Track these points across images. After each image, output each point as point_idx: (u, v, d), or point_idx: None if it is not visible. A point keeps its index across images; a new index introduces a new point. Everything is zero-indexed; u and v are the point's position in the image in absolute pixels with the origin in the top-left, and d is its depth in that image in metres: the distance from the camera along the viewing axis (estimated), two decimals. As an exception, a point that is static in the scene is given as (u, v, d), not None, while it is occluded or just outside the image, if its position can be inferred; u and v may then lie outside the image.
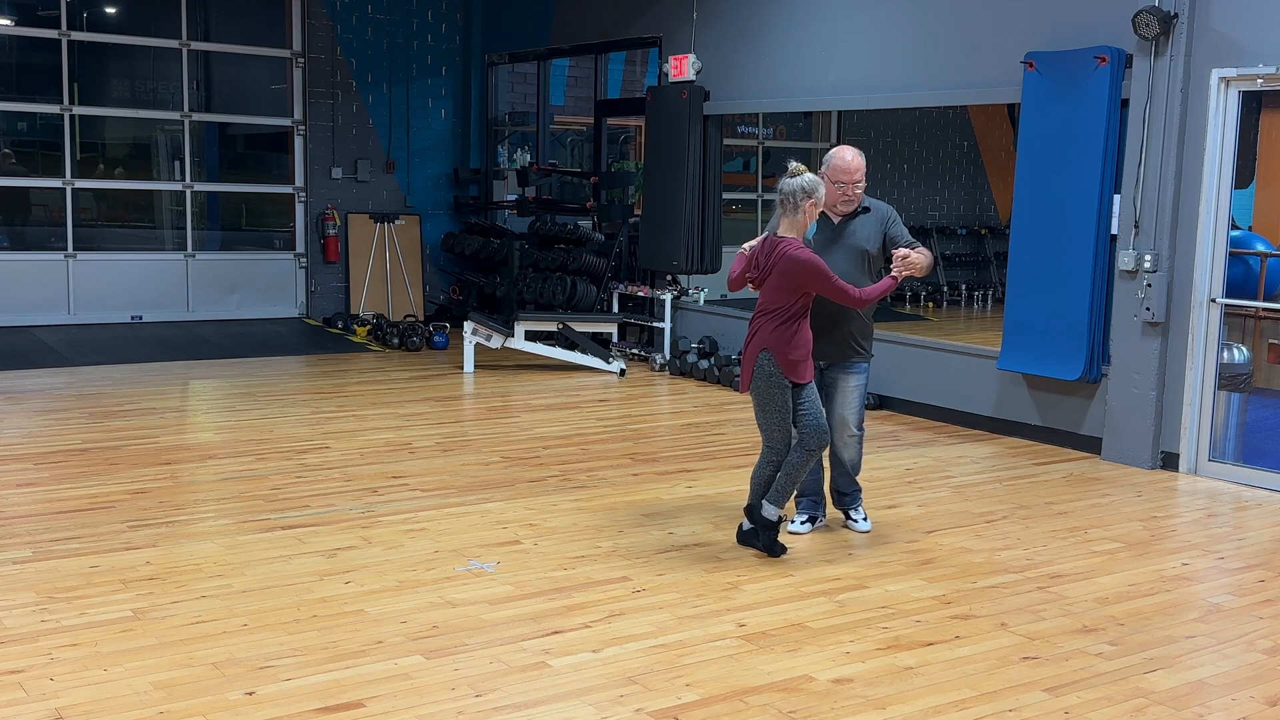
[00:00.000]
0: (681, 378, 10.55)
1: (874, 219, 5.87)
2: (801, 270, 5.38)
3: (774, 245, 5.47)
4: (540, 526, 6.00)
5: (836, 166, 5.74)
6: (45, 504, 6.20)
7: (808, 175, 5.40)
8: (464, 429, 8.36)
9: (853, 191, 5.74)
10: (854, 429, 6.00)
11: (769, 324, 5.47)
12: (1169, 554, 5.89)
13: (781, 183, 5.42)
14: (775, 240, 5.49)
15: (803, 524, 6.05)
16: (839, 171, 5.73)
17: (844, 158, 5.75)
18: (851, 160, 5.74)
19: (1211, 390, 7.44)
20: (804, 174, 5.40)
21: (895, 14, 9.24)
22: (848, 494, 6.16)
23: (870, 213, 5.87)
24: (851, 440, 6.01)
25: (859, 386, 5.95)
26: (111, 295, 12.33)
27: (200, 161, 13.24)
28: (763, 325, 5.49)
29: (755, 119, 13.35)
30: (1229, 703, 4.18)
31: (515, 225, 13.56)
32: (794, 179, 5.39)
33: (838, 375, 5.92)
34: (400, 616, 4.72)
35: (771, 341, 5.45)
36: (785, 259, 5.40)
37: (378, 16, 13.40)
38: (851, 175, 5.72)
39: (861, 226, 5.83)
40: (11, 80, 12.54)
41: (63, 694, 3.96)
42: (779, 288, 5.44)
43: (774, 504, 5.60)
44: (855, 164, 5.73)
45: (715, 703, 4.03)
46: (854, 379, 5.93)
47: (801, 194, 5.38)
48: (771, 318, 5.47)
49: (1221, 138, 7.28)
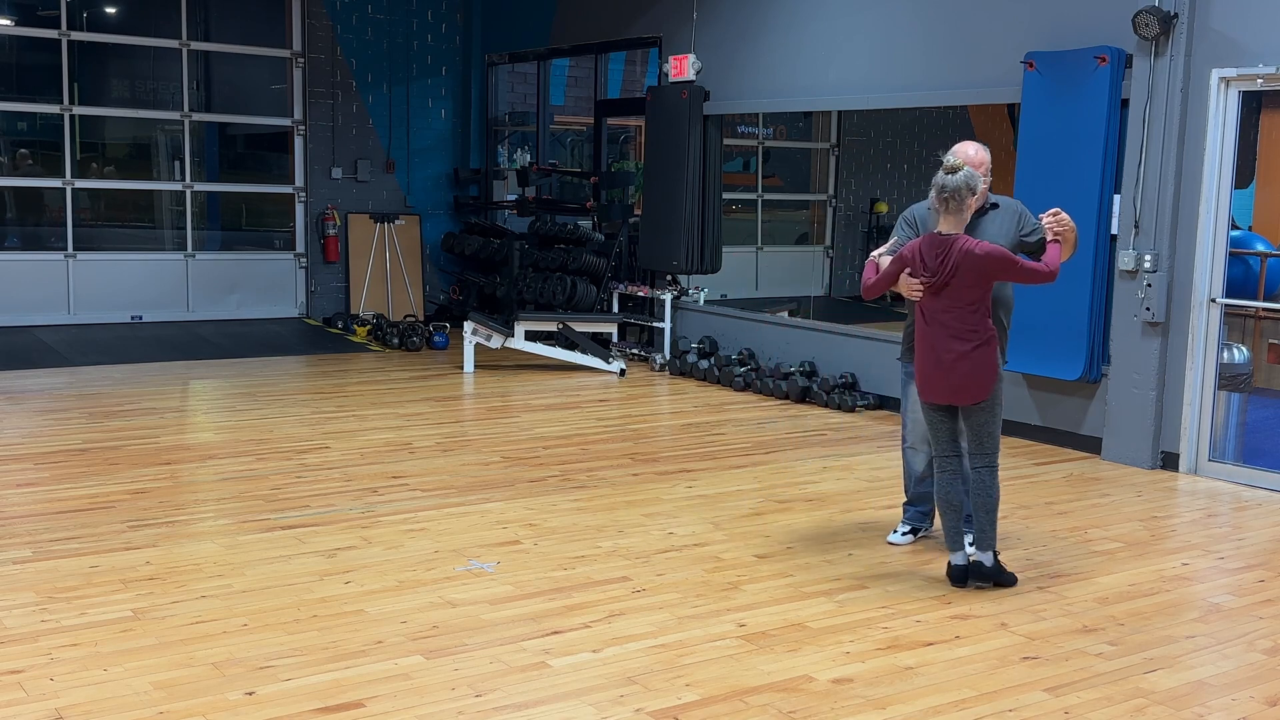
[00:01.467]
0: (681, 378, 10.55)
1: (1005, 215, 5.50)
2: (995, 261, 5.07)
3: (946, 244, 5.10)
4: (540, 526, 6.00)
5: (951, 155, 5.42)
6: (45, 504, 6.20)
7: (967, 169, 5.11)
8: (464, 429, 8.35)
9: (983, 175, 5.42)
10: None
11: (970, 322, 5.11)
12: (1169, 554, 5.89)
13: (942, 179, 5.08)
14: (944, 239, 5.12)
15: (904, 535, 5.83)
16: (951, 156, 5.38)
17: (967, 152, 5.50)
18: (975, 154, 5.51)
19: (1211, 390, 7.44)
20: (963, 168, 5.09)
21: (895, 14, 9.24)
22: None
23: (999, 209, 5.52)
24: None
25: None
26: (111, 295, 12.33)
27: (200, 161, 13.24)
28: (962, 328, 5.11)
29: (755, 119, 13.34)
30: (1229, 703, 4.18)
31: (515, 225, 13.55)
32: (956, 175, 5.06)
33: None
34: (400, 616, 4.72)
35: (989, 339, 5.14)
36: (973, 256, 5.04)
37: (378, 16, 13.40)
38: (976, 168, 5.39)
39: (991, 223, 5.45)
40: (11, 80, 12.54)
41: (63, 694, 3.96)
42: (970, 285, 5.08)
43: (990, 548, 5.25)
44: (979, 158, 5.51)
45: (715, 703, 4.03)
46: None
47: (965, 190, 5.06)
48: (968, 315, 5.10)
49: (1221, 138, 7.28)
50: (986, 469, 5.23)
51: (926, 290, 5.15)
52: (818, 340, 9.98)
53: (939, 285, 5.12)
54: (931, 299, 5.17)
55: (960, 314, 5.12)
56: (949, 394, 5.19)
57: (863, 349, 9.53)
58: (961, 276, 5.07)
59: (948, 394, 5.19)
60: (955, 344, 5.12)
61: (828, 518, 6.30)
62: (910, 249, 5.23)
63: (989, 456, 5.23)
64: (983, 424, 5.21)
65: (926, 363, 5.23)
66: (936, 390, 5.22)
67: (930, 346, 5.20)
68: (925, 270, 5.13)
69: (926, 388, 5.27)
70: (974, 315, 5.12)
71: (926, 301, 5.19)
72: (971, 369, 5.12)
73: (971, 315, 5.12)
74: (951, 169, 5.08)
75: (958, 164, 5.09)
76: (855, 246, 14.28)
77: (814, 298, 13.16)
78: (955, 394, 5.18)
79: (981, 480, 5.24)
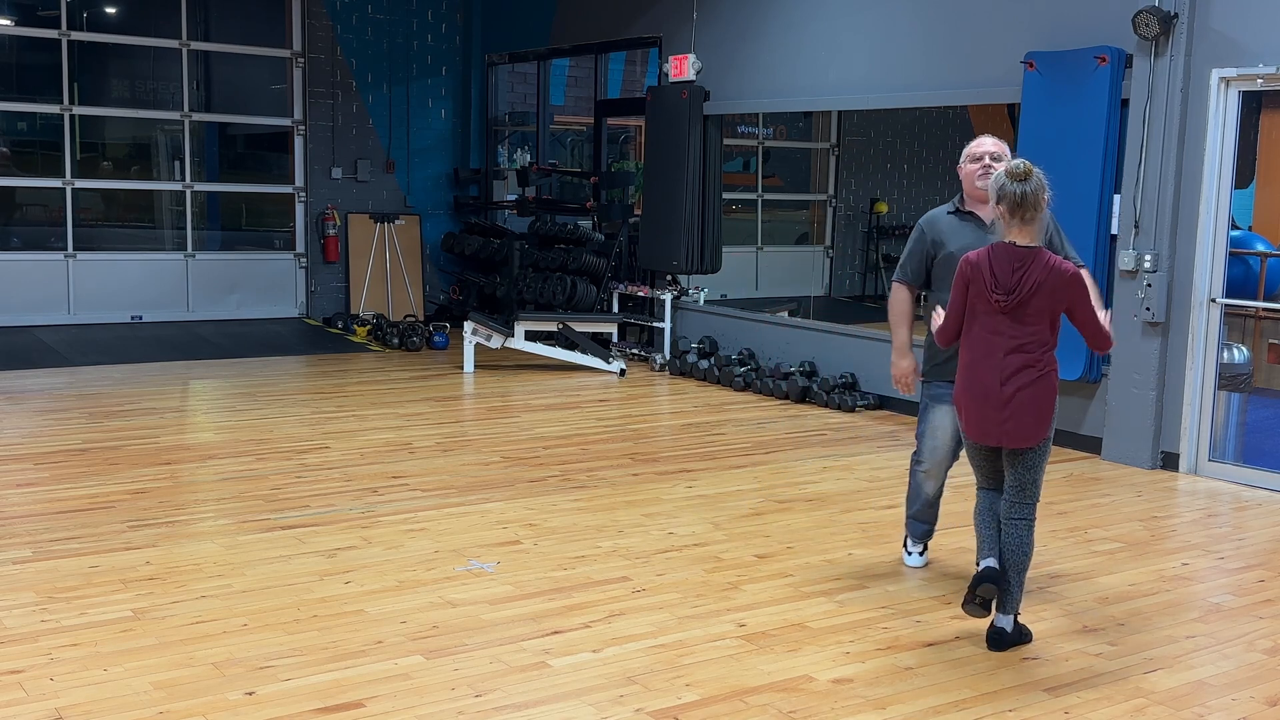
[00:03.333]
0: (681, 378, 10.55)
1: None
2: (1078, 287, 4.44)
3: (1025, 258, 4.42)
4: (540, 526, 6.00)
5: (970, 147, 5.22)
6: (45, 504, 6.19)
7: (1037, 171, 4.44)
8: (464, 429, 8.35)
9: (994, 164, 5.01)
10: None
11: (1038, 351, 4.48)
12: (1169, 554, 5.89)
13: (1013, 188, 4.39)
14: (1021, 251, 4.43)
15: (921, 555, 5.59)
16: (971, 147, 5.20)
17: (980, 140, 5.20)
18: (988, 141, 5.18)
19: (1211, 390, 7.44)
20: (1033, 172, 4.42)
21: (895, 14, 9.24)
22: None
23: None
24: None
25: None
26: (111, 295, 12.33)
27: (200, 161, 13.24)
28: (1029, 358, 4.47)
29: (755, 119, 13.35)
30: (1229, 703, 4.18)
31: (515, 225, 13.56)
32: (1027, 181, 4.38)
33: None
34: (400, 616, 4.72)
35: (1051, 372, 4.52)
36: (1060, 274, 4.42)
37: (378, 16, 13.40)
38: (985, 150, 5.13)
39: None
40: (11, 80, 12.55)
41: (63, 694, 3.96)
42: (1049, 308, 4.45)
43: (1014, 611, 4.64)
44: (990, 145, 5.16)
45: (715, 703, 4.03)
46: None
47: (1042, 195, 4.42)
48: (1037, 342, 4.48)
49: (1221, 138, 7.28)
50: (1025, 521, 4.59)
51: (999, 310, 4.46)
52: (818, 340, 9.98)
53: (1013, 304, 4.43)
54: (998, 320, 4.48)
55: (1030, 341, 4.46)
56: (1001, 435, 4.52)
57: (863, 349, 9.53)
58: (1042, 297, 4.42)
59: (1000, 435, 4.52)
60: (1019, 376, 4.47)
61: (828, 518, 6.30)
62: (972, 264, 4.53)
63: (1029, 508, 4.60)
64: (1031, 467, 4.57)
65: (977, 396, 4.55)
66: (989, 430, 4.54)
67: (985, 376, 4.52)
68: (998, 288, 4.44)
69: (977, 427, 4.58)
70: (1042, 343, 4.49)
71: (990, 323, 4.50)
72: (1033, 405, 4.47)
73: (1040, 343, 4.48)
74: (1021, 175, 4.38)
75: (1024, 167, 4.40)
76: (855, 247, 14.29)
77: (814, 298, 13.16)
78: (1009, 436, 4.51)
79: (1019, 535, 4.58)
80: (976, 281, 4.51)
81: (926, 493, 5.46)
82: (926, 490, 5.45)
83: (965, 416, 4.63)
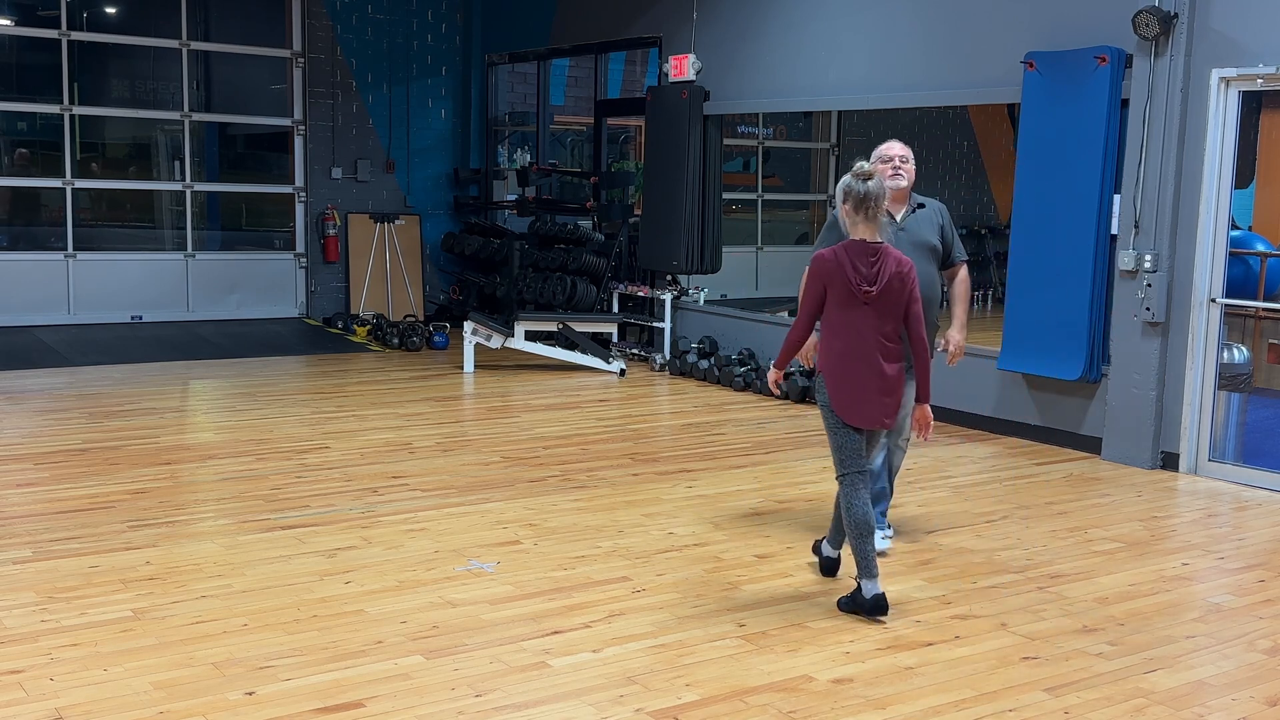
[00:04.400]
0: (681, 378, 10.55)
1: (931, 214, 5.85)
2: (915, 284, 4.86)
3: (875, 251, 4.77)
4: (540, 526, 6.00)
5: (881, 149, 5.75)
6: (45, 504, 6.20)
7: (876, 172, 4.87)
8: (464, 429, 8.36)
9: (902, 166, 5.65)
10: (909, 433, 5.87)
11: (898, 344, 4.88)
12: (1169, 554, 5.89)
13: (855, 186, 4.76)
14: (872, 245, 4.77)
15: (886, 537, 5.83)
16: (882, 150, 5.74)
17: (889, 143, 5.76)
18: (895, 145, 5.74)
19: (1211, 390, 7.44)
20: (876, 174, 4.83)
21: (895, 14, 9.24)
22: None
23: (925, 208, 5.85)
24: (905, 444, 5.94)
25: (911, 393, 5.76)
26: (111, 295, 12.34)
27: (200, 161, 13.24)
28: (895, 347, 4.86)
29: (755, 119, 13.35)
30: (1229, 703, 4.18)
31: (515, 225, 13.56)
32: (870, 181, 4.76)
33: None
34: (400, 616, 4.72)
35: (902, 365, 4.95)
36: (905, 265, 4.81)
37: (378, 16, 13.40)
38: (894, 152, 5.68)
39: (923, 221, 5.79)
40: (11, 80, 12.55)
41: (63, 694, 3.96)
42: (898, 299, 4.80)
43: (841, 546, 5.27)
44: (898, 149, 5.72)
45: (715, 703, 4.03)
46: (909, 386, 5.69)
47: (882, 194, 4.79)
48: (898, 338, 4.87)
49: (1221, 138, 7.28)
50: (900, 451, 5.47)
51: (864, 301, 4.74)
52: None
53: (877, 295, 4.74)
54: (863, 312, 4.77)
55: (892, 330, 4.81)
56: (884, 418, 4.86)
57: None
58: (894, 288, 4.76)
59: (882, 419, 4.85)
60: (892, 364, 4.83)
61: (828, 518, 6.29)
62: (830, 262, 4.79)
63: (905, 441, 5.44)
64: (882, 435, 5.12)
65: (859, 386, 4.80)
66: (875, 416, 4.84)
67: (863, 367, 4.79)
68: (863, 280, 4.73)
69: (863, 411, 4.83)
70: (897, 331, 4.84)
71: (856, 316, 4.77)
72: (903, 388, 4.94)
73: (896, 331, 4.83)
74: (864, 176, 4.78)
75: (867, 169, 4.83)
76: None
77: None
78: (890, 417, 4.88)
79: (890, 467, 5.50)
80: (838, 276, 4.77)
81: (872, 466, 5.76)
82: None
83: (849, 407, 4.83)
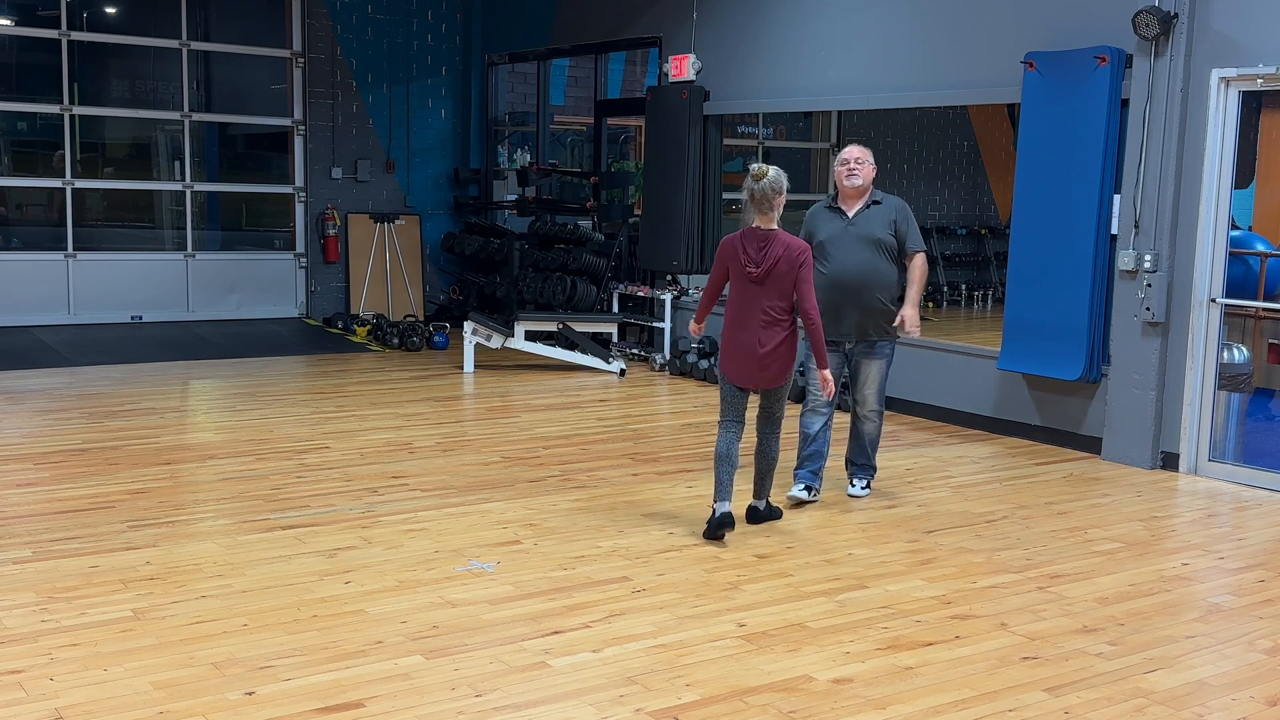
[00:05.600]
0: (681, 378, 10.55)
1: (884, 210, 6.44)
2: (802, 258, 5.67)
3: (766, 238, 5.69)
4: (540, 526, 6.00)
5: (842, 152, 6.51)
6: (45, 504, 6.20)
7: (773, 172, 5.68)
8: (464, 429, 8.36)
9: (857, 167, 6.39)
10: (874, 405, 6.54)
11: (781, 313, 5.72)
12: (1169, 554, 5.89)
13: (750, 184, 5.66)
14: (763, 233, 5.69)
15: (802, 490, 6.47)
16: (842, 153, 6.51)
17: (849, 147, 6.49)
18: (853, 149, 6.46)
19: (1211, 390, 7.44)
20: (769, 172, 5.66)
21: (895, 14, 9.24)
22: (859, 465, 6.74)
23: (881, 205, 6.44)
24: (872, 415, 6.59)
25: (881, 366, 6.49)
26: (111, 295, 12.34)
27: (200, 161, 13.24)
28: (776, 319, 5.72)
29: (755, 119, 13.34)
30: (1229, 703, 4.18)
31: (515, 225, 13.56)
32: (763, 180, 5.64)
33: (861, 354, 6.50)
34: (400, 616, 4.72)
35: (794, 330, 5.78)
36: (792, 250, 5.66)
37: (378, 16, 13.40)
38: (851, 155, 6.43)
39: (874, 217, 6.41)
40: (11, 80, 12.55)
41: (63, 694, 3.96)
42: (785, 277, 5.65)
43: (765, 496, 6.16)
44: (855, 152, 6.44)
45: (715, 703, 4.03)
46: (877, 360, 6.48)
47: (773, 191, 5.65)
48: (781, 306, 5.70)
49: (1221, 138, 7.28)
50: (774, 436, 5.97)
51: (751, 280, 5.68)
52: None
53: (761, 275, 5.65)
54: (751, 289, 5.70)
55: (775, 304, 5.68)
56: (760, 381, 5.78)
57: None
58: (780, 269, 5.63)
59: (759, 381, 5.78)
60: (770, 333, 5.70)
61: (828, 518, 6.30)
62: (730, 245, 5.77)
63: (776, 425, 5.96)
64: (778, 400, 5.92)
65: (740, 349, 5.75)
66: (751, 377, 5.78)
67: (745, 336, 5.72)
68: (750, 261, 5.67)
69: (739, 372, 5.79)
70: (785, 306, 5.70)
71: (746, 293, 5.71)
72: (782, 357, 5.73)
73: (784, 306, 5.69)
74: (758, 175, 5.66)
75: (762, 169, 5.67)
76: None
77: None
78: (767, 381, 5.78)
79: (770, 447, 5.98)
80: (734, 258, 5.74)
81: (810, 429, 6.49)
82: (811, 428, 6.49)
83: (730, 367, 5.82)
